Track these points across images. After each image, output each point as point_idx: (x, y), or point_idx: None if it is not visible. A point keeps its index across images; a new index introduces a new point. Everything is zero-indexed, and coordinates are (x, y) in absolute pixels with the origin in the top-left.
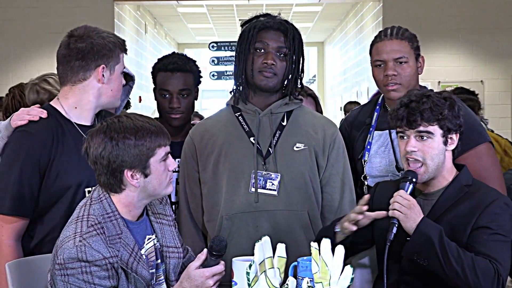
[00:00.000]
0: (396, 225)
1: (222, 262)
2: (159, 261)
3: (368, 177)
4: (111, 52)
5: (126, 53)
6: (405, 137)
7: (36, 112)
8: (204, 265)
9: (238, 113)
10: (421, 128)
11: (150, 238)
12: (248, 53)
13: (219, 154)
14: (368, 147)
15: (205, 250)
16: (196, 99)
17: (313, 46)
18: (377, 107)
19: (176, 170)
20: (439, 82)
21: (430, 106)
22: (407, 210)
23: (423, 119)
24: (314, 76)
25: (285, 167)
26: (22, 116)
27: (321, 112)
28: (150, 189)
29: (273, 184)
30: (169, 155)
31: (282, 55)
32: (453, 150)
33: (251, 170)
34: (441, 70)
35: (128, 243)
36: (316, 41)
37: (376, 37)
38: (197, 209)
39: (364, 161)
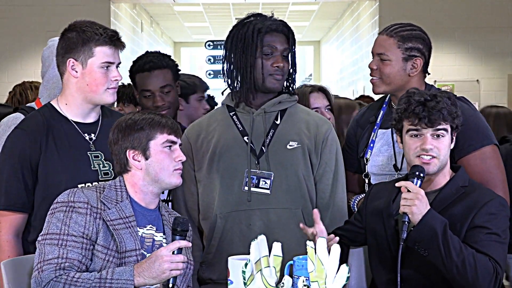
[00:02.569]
0: (407, 223)
1: (187, 242)
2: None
3: (370, 175)
4: (81, 46)
5: (111, 46)
6: (419, 136)
7: None
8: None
9: (233, 113)
10: (440, 126)
11: (152, 228)
12: (255, 56)
13: (214, 153)
14: (371, 145)
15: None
16: (179, 94)
17: (309, 45)
18: (384, 105)
19: None
20: (435, 81)
21: (445, 105)
22: (414, 201)
23: (442, 117)
24: (311, 75)
25: (279, 165)
26: None
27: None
28: (152, 173)
29: (266, 183)
30: (178, 147)
31: (285, 56)
32: (452, 151)
33: (244, 169)
34: (437, 69)
35: (124, 211)
36: (312, 40)
37: None
38: (193, 207)
39: (366, 159)
